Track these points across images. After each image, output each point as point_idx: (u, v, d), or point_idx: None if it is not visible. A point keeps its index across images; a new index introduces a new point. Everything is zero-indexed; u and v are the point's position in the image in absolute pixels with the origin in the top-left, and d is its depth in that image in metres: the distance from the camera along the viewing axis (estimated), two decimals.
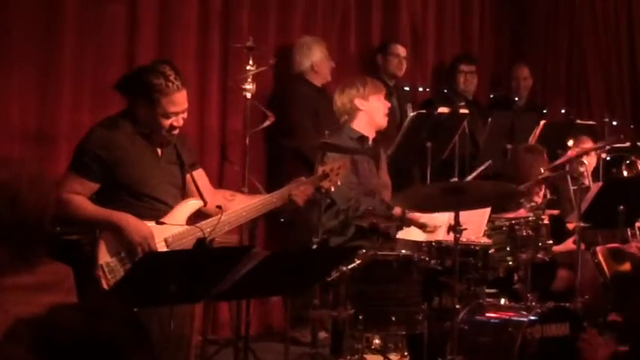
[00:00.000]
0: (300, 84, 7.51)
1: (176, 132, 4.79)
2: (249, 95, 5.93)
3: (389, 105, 6.46)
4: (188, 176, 4.93)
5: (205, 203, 4.90)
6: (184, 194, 4.94)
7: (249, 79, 5.91)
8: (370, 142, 6.35)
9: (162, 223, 4.65)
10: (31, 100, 6.23)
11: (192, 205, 4.87)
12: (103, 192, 4.71)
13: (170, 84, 4.67)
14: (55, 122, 6.34)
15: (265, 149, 7.46)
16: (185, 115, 4.77)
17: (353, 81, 6.44)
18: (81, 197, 4.65)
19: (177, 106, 4.71)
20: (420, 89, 8.11)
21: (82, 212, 4.65)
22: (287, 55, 7.66)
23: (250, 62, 5.93)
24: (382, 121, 6.37)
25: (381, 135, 6.50)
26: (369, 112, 6.28)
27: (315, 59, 7.55)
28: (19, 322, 2.08)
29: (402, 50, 8.32)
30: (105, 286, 4.51)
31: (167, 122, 4.71)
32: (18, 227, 2.90)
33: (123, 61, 6.68)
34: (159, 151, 4.83)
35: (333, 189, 5.31)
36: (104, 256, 4.59)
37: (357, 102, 6.26)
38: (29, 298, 2.82)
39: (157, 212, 4.73)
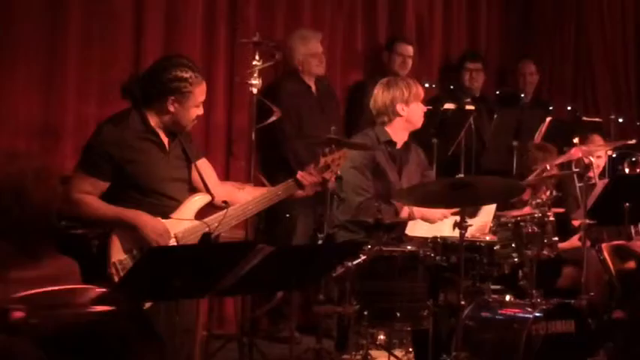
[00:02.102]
0: (288, 82, 7.43)
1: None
2: (255, 90, 5.92)
3: (425, 108, 6.36)
4: (194, 170, 4.95)
5: (213, 197, 4.91)
6: (192, 189, 4.95)
7: (256, 75, 5.90)
8: (400, 145, 6.27)
9: (170, 219, 4.66)
10: (36, 95, 6.23)
11: (200, 199, 4.88)
12: (111, 189, 4.71)
13: (197, 74, 4.76)
14: (60, 116, 6.35)
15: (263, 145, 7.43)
16: None
17: (397, 83, 6.29)
18: (92, 197, 4.65)
19: (204, 94, 4.82)
20: (427, 85, 8.09)
21: (94, 212, 4.64)
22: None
23: (256, 57, 5.93)
24: (419, 123, 6.30)
25: (412, 136, 6.42)
26: (409, 118, 6.21)
27: (298, 57, 7.47)
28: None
29: (406, 49, 8.27)
30: None
31: (196, 112, 4.78)
32: (23, 221, 2.91)
33: (129, 55, 6.68)
34: (167, 147, 4.84)
35: (333, 179, 5.32)
36: (117, 254, 4.59)
37: (399, 107, 6.17)
38: None
39: (165, 208, 4.74)
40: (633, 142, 7.28)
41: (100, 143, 4.70)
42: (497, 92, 9.14)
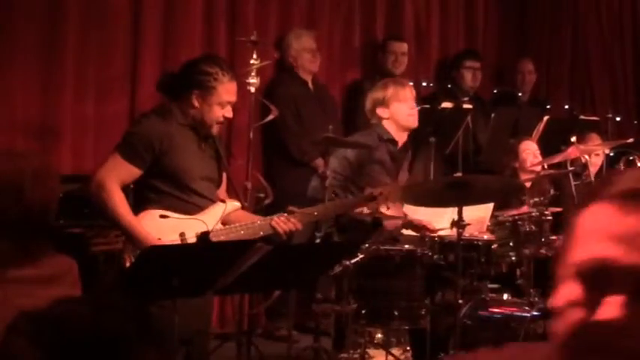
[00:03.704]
0: (286, 79, 7.49)
1: (221, 125, 4.91)
2: (253, 89, 5.92)
3: (413, 106, 6.31)
4: (224, 174, 5.00)
5: (243, 205, 4.94)
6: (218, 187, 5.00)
7: (254, 73, 5.90)
8: (400, 145, 6.26)
9: (165, 216, 4.65)
10: (34, 93, 6.23)
11: (230, 206, 4.89)
12: (144, 178, 4.72)
13: (225, 73, 4.78)
14: (58, 115, 6.35)
15: (262, 143, 7.44)
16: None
17: (377, 86, 6.31)
18: (122, 195, 4.64)
19: (232, 95, 4.83)
20: (424, 84, 8.09)
21: (115, 211, 4.61)
22: (283, 48, 7.66)
23: (254, 56, 5.93)
24: (408, 123, 6.22)
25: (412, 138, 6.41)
26: (393, 119, 6.19)
27: (293, 53, 7.53)
28: (22, 314, 2.08)
29: (399, 47, 8.27)
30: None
31: (221, 112, 4.80)
32: (22, 220, 2.90)
33: (126, 54, 6.68)
34: (203, 145, 4.88)
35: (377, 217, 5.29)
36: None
37: (379, 111, 6.16)
38: (32, 290, 2.82)
39: (192, 206, 4.75)
40: (630, 140, 7.28)
41: (144, 132, 4.73)
42: (495, 91, 9.14)
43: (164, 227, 4.62)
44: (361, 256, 5.28)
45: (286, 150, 7.22)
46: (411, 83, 6.89)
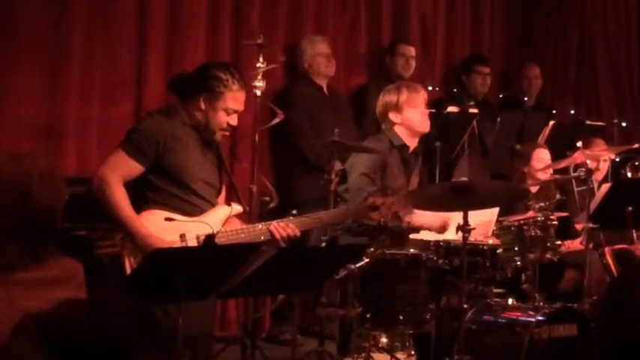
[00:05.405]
0: (301, 84, 7.51)
1: (227, 133, 4.94)
2: (259, 93, 5.93)
3: (425, 111, 6.30)
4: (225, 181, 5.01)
5: (245, 210, 4.93)
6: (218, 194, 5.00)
7: (259, 77, 5.90)
8: (411, 150, 6.25)
9: (170, 219, 4.65)
10: (39, 96, 6.24)
11: (234, 209, 4.88)
12: (145, 176, 4.72)
13: (236, 81, 4.81)
14: (63, 118, 6.35)
15: (271, 147, 7.45)
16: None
17: (390, 89, 6.30)
18: (124, 191, 4.65)
19: (239, 104, 4.85)
20: (430, 88, 8.09)
21: (117, 207, 4.61)
22: (296, 53, 7.66)
23: (260, 60, 5.93)
24: (421, 128, 6.22)
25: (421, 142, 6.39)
26: (405, 124, 6.18)
27: (308, 59, 7.54)
28: (28, 316, 2.09)
29: (408, 50, 8.27)
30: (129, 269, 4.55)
31: (226, 119, 4.82)
32: (28, 223, 2.90)
33: (132, 57, 6.68)
34: (205, 150, 4.89)
35: (382, 221, 5.29)
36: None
37: (392, 116, 6.15)
38: (38, 293, 2.82)
39: (192, 206, 4.76)
40: (636, 146, 7.27)
41: (149, 129, 4.75)
42: (501, 96, 9.14)
43: (165, 227, 4.62)
44: (366, 260, 5.28)
45: (301, 154, 7.21)
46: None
